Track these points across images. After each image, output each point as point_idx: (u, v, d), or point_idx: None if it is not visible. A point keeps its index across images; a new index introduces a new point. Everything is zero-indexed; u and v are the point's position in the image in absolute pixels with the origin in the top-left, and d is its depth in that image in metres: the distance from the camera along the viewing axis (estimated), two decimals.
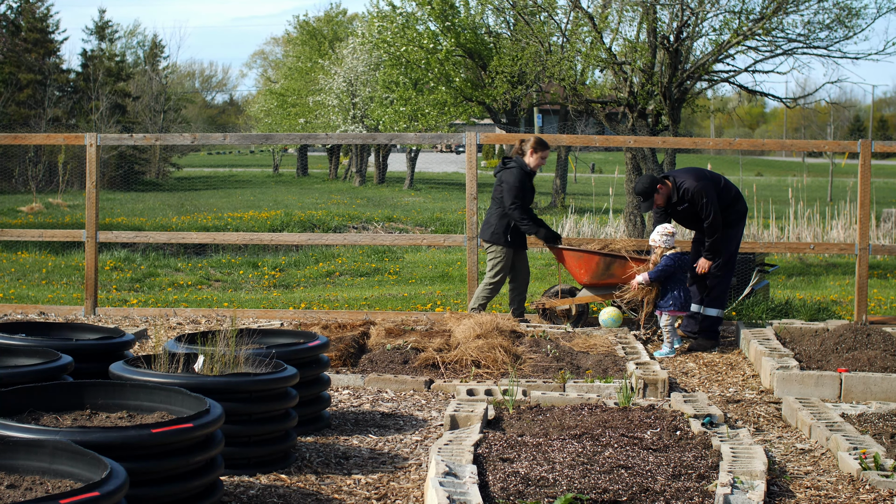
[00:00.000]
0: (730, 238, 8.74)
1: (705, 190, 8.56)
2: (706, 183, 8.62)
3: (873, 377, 7.06)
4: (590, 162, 53.35)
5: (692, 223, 8.90)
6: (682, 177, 8.72)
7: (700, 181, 8.62)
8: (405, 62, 28.06)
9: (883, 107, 78.68)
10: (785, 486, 5.17)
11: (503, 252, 9.31)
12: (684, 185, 8.64)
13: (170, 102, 49.58)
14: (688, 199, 8.62)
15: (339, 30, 48.78)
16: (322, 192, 38.68)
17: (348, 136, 21.77)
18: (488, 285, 9.37)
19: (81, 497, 3.34)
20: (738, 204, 8.81)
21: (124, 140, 11.40)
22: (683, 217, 8.84)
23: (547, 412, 6.09)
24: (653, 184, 8.71)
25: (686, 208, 8.68)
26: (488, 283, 9.37)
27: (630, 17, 17.34)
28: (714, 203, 8.56)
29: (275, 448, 5.33)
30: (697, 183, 8.60)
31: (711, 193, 8.57)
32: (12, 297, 11.88)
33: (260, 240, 11.83)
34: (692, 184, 8.60)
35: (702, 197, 8.55)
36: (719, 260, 8.69)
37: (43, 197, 28.89)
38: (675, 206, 8.75)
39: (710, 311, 8.75)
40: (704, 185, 8.59)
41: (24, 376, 4.90)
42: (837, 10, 16.72)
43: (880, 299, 12.75)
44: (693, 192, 8.57)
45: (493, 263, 9.37)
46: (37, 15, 42.49)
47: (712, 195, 8.57)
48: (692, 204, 8.62)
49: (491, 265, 9.38)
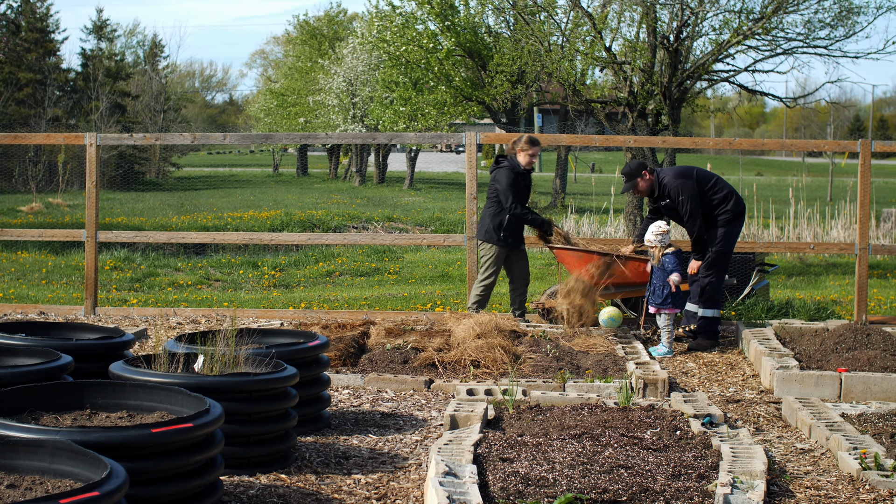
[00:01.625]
0: (721, 237, 8.73)
1: (682, 187, 8.64)
2: (685, 181, 8.69)
3: (873, 377, 7.06)
4: (590, 162, 53.35)
5: (678, 221, 8.94)
6: (666, 173, 8.84)
7: (679, 178, 8.70)
8: (405, 62, 28.05)
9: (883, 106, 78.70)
10: (785, 485, 5.17)
11: (493, 250, 9.37)
12: (664, 181, 8.76)
13: (170, 102, 49.59)
14: (667, 195, 8.72)
15: (339, 29, 48.77)
16: (322, 191, 38.68)
17: (348, 136, 21.77)
18: (480, 283, 9.42)
19: (81, 497, 3.34)
20: (730, 203, 8.80)
21: (124, 140, 11.40)
22: (669, 213, 8.90)
23: (547, 412, 6.09)
24: (639, 168, 8.82)
25: (668, 204, 8.77)
26: (479, 281, 9.43)
27: (630, 16, 17.35)
28: (692, 200, 8.60)
29: (275, 448, 5.33)
30: (676, 180, 8.69)
31: (689, 190, 8.64)
32: (12, 297, 11.88)
33: (260, 240, 11.84)
34: (671, 180, 8.71)
35: (678, 193, 8.64)
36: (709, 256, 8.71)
37: (43, 197, 28.90)
38: (657, 201, 8.85)
39: (707, 312, 8.75)
40: (682, 183, 8.66)
41: (24, 376, 4.90)
42: (838, 9, 16.72)
43: (880, 299, 12.75)
44: (671, 189, 8.67)
45: (484, 261, 9.44)
46: (37, 14, 42.49)
47: (689, 192, 8.63)
48: (672, 200, 8.69)
49: (482, 263, 9.46)
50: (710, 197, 8.73)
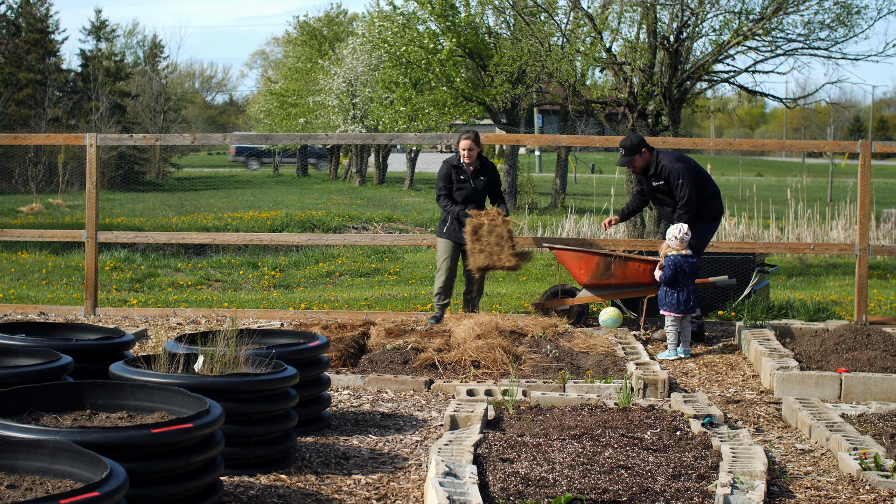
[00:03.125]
0: (700, 234, 8.76)
1: (682, 171, 8.69)
2: (684, 165, 8.75)
3: (873, 377, 7.06)
4: (590, 162, 53.32)
5: (664, 203, 8.92)
6: (665, 155, 8.88)
7: (679, 162, 8.77)
8: (405, 62, 28.06)
9: (883, 107, 78.68)
10: (785, 486, 5.17)
11: (440, 243, 9.65)
12: (662, 162, 8.80)
13: (170, 102, 49.55)
14: (664, 177, 8.75)
15: (339, 30, 48.77)
16: (322, 192, 38.67)
17: (348, 136, 21.79)
18: (436, 277, 9.68)
19: (81, 497, 3.34)
20: (714, 202, 8.91)
21: (124, 140, 11.40)
22: (657, 194, 8.90)
23: (547, 412, 6.09)
24: (640, 143, 8.85)
25: (661, 186, 8.79)
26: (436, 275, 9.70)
27: (630, 17, 17.34)
28: (690, 183, 8.67)
29: (275, 448, 5.33)
30: (676, 163, 8.75)
31: (688, 175, 8.71)
32: (12, 297, 11.88)
33: (260, 240, 11.85)
34: (670, 163, 8.75)
35: (678, 177, 8.67)
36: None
37: (43, 197, 28.89)
38: (650, 180, 8.87)
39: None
40: (683, 167, 8.72)
41: (24, 376, 4.90)
42: (838, 10, 16.71)
43: (880, 299, 12.75)
44: (670, 171, 8.71)
45: (437, 255, 9.72)
46: (37, 15, 42.48)
47: (689, 176, 8.70)
48: (667, 182, 8.71)
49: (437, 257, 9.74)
50: (700, 190, 8.79)
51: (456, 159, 9.57)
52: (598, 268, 9.07)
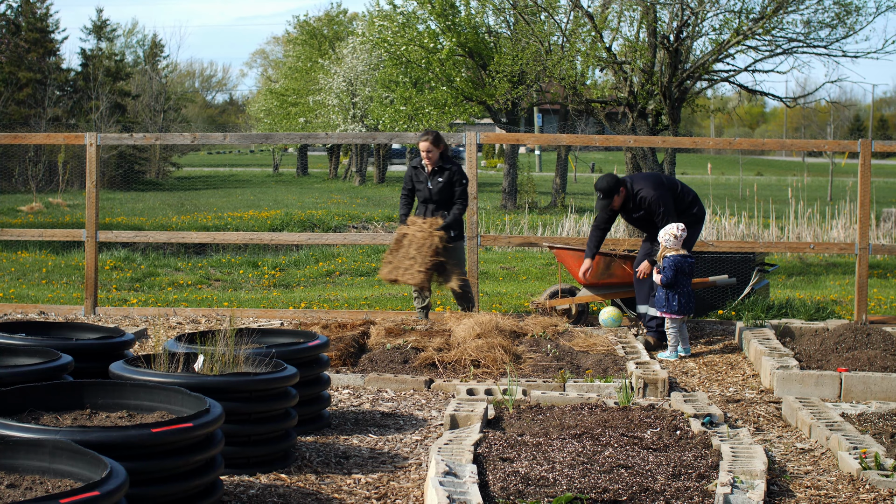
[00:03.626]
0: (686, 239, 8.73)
1: (663, 199, 8.60)
2: (664, 192, 8.66)
3: (873, 377, 7.06)
4: (590, 161, 53.34)
5: (646, 227, 8.89)
6: (640, 184, 8.75)
7: (657, 189, 8.66)
8: (405, 61, 28.06)
9: (883, 106, 78.69)
10: (785, 485, 5.17)
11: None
12: (641, 193, 8.68)
13: (170, 102, 49.58)
14: (644, 207, 8.68)
15: (339, 29, 48.78)
16: (322, 191, 38.68)
17: (348, 136, 21.81)
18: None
19: (81, 496, 3.34)
20: (694, 208, 8.84)
21: (124, 140, 11.40)
22: (638, 222, 8.87)
23: (547, 412, 6.09)
24: (617, 184, 8.76)
25: (642, 216, 8.75)
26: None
27: (630, 16, 17.35)
28: (671, 212, 8.59)
29: (275, 447, 5.33)
30: (655, 192, 8.64)
31: (668, 202, 8.62)
32: (12, 297, 11.88)
33: (260, 239, 11.86)
34: (650, 192, 8.64)
35: (659, 206, 8.59)
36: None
37: (43, 196, 28.90)
38: (630, 213, 8.82)
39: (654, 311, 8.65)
40: (662, 195, 8.63)
41: (24, 376, 4.90)
42: (837, 9, 16.72)
43: (880, 299, 12.75)
44: (650, 202, 8.62)
45: None
46: (37, 14, 42.48)
47: (669, 204, 8.62)
48: (648, 212, 8.66)
49: None
50: (677, 204, 8.75)
51: (419, 161, 9.59)
52: (599, 267, 9.07)
